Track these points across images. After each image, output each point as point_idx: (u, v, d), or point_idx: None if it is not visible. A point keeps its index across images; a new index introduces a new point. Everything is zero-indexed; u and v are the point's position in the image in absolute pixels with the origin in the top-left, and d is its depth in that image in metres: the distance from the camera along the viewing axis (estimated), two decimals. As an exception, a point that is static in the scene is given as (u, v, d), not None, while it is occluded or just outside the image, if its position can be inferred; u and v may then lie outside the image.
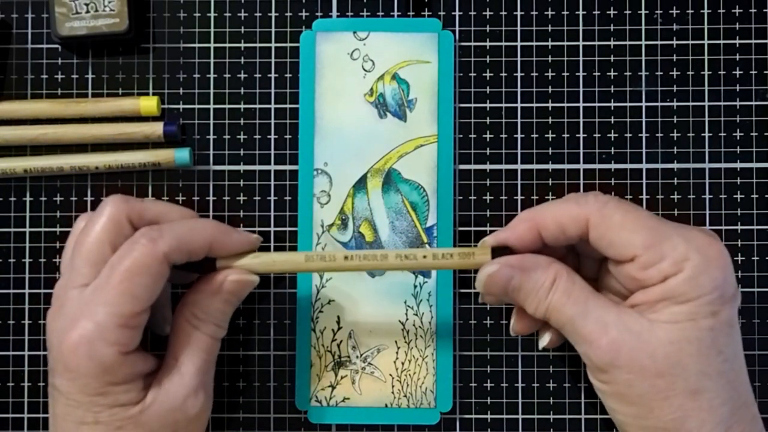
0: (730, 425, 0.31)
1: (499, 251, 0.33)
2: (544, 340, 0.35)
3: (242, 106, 0.39)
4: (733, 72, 0.39)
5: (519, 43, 0.39)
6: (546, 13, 0.39)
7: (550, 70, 0.39)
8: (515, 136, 0.39)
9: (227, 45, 0.39)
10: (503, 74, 0.39)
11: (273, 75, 0.39)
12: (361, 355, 0.38)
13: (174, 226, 0.33)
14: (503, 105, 0.39)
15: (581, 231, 0.32)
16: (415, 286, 0.38)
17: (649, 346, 0.30)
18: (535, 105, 0.39)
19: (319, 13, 0.39)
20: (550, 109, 0.39)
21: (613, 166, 0.39)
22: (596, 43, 0.39)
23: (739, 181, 0.39)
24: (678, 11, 0.39)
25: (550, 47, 0.39)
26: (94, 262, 0.32)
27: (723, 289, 0.31)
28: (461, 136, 0.39)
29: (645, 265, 0.31)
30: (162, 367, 0.34)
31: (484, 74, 0.39)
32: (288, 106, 0.39)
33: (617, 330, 0.31)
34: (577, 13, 0.39)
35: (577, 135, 0.39)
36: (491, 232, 0.38)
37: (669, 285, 0.31)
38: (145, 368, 0.33)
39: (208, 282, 0.34)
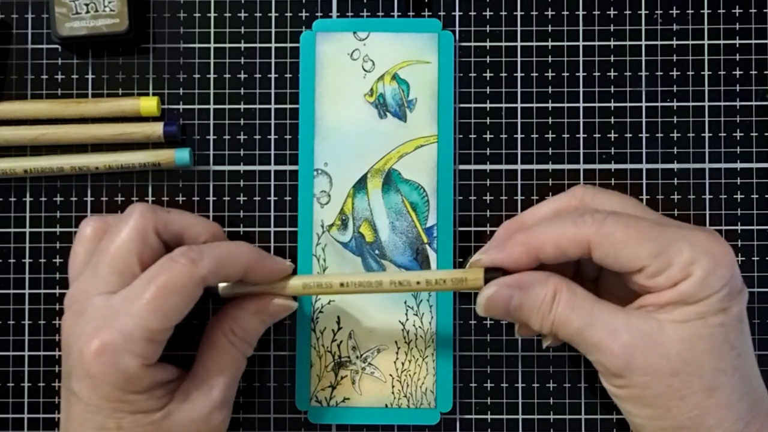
0: (748, 421, 0.31)
1: (491, 272, 0.33)
2: (548, 340, 0.35)
3: (242, 106, 0.39)
4: (733, 72, 0.39)
5: (519, 43, 0.39)
6: (546, 13, 0.39)
7: (550, 70, 0.39)
8: (515, 136, 0.39)
9: (227, 45, 0.39)
10: (503, 74, 0.39)
11: (273, 75, 0.39)
12: (361, 355, 0.38)
13: (213, 249, 0.33)
14: (503, 105, 0.39)
15: (582, 252, 0.32)
16: (415, 286, 0.38)
17: (661, 347, 0.30)
18: (535, 105, 0.39)
19: (319, 13, 0.39)
20: (550, 109, 0.39)
21: (613, 166, 0.39)
22: (596, 43, 0.39)
23: (739, 181, 0.39)
24: (678, 11, 0.39)
25: (550, 47, 0.39)
26: (120, 270, 0.32)
27: (731, 286, 0.31)
28: (461, 136, 0.39)
29: (653, 274, 0.31)
30: (190, 376, 0.34)
31: (484, 74, 0.39)
32: (288, 106, 0.39)
33: (628, 333, 0.31)
34: (577, 13, 0.39)
35: (577, 135, 0.39)
36: (491, 232, 0.38)
37: (679, 289, 0.30)
38: (165, 377, 0.33)
39: (251, 301, 0.35)
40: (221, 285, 0.35)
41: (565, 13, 0.39)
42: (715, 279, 0.30)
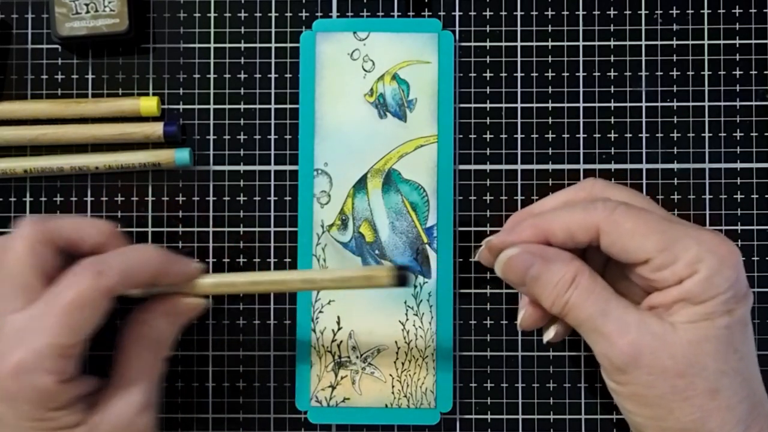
0: (748, 424, 0.31)
1: (401, 270, 0.33)
2: (549, 334, 0.35)
3: (242, 106, 0.39)
4: (733, 72, 0.39)
5: (519, 43, 0.39)
6: (546, 13, 0.39)
7: (550, 70, 0.39)
8: (515, 136, 0.39)
9: (227, 45, 0.39)
10: (503, 74, 0.39)
11: (273, 75, 0.39)
12: (361, 355, 0.38)
13: (119, 258, 0.32)
14: (503, 105, 0.39)
15: (591, 238, 0.32)
16: (415, 287, 0.38)
17: (670, 347, 0.30)
18: (535, 105, 0.39)
19: (319, 13, 0.39)
20: (550, 109, 0.39)
21: (613, 166, 0.39)
22: (596, 43, 0.39)
23: (739, 181, 0.39)
24: (678, 11, 0.39)
25: (550, 47, 0.39)
26: (21, 287, 0.32)
27: (737, 288, 0.31)
28: (461, 136, 0.39)
29: (658, 268, 0.31)
30: (109, 385, 0.33)
31: (484, 74, 0.39)
32: (288, 106, 0.39)
33: (638, 331, 0.31)
34: (577, 13, 0.39)
35: (577, 135, 0.39)
36: (491, 232, 0.38)
37: (685, 287, 0.30)
38: (85, 390, 0.32)
39: (160, 303, 0.34)
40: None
41: (565, 13, 0.39)
42: (720, 279, 0.30)
